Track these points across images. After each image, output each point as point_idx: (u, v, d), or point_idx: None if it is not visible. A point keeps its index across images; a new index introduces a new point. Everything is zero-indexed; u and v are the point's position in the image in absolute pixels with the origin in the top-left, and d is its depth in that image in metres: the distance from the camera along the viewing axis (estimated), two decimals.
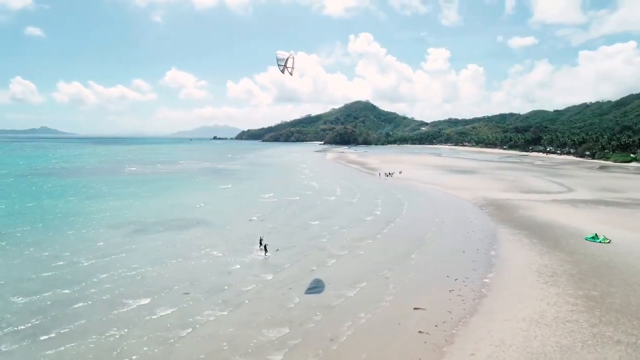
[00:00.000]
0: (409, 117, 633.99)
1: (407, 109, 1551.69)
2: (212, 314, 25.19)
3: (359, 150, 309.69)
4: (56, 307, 25.74)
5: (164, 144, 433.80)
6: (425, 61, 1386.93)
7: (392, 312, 26.04)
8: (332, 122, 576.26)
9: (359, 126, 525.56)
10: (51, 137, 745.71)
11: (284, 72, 32.75)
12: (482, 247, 41.06)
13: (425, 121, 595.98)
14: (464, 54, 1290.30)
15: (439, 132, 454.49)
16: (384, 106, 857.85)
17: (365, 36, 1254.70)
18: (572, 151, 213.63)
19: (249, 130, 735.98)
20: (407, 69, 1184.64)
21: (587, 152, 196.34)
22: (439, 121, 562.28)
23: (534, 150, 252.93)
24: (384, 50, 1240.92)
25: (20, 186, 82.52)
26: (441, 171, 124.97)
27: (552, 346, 21.63)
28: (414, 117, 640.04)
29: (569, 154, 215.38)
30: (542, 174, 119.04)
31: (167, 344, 21.60)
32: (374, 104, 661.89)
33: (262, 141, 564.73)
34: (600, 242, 41.78)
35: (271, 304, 27.02)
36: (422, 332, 23.45)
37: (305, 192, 79.56)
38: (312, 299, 27.62)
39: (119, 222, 50.21)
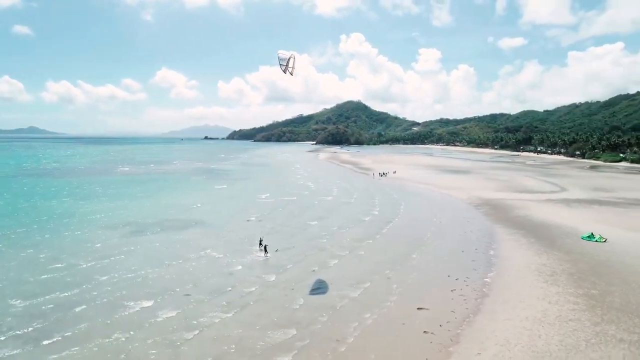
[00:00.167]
0: (400, 117, 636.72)
1: (398, 109, 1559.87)
2: (216, 316, 24.98)
3: (351, 150, 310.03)
4: (57, 311, 25.35)
5: (155, 144, 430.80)
6: (416, 61, 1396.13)
7: (397, 313, 26.05)
8: (324, 122, 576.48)
9: (351, 126, 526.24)
10: (40, 137, 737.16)
11: (285, 72, 32.68)
12: (480, 246, 41.30)
13: (416, 121, 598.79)
14: (454, 55, 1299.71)
15: (430, 132, 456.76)
16: (376, 106, 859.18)
17: (356, 36, 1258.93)
18: (563, 151, 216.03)
19: (240, 130, 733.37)
20: (398, 69, 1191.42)
21: (577, 152, 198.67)
22: (431, 121, 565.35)
23: (525, 150, 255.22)
24: (375, 50, 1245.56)
25: (11, 187, 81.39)
26: (435, 171, 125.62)
27: (556, 345, 21.77)
28: (406, 117, 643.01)
29: (559, 153, 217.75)
30: (534, 173, 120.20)
31: (174, 346, 21.36)
32: (365, 104, 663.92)
33: (254, 141, 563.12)
34: (596, 241, 42.21)
35: (276, 305, 26.89)
36: (427, 332, 23.49)
37: (301, 192, 79.44)
38: (317, 300, 27.56)
39: (115, 223, 49.70)
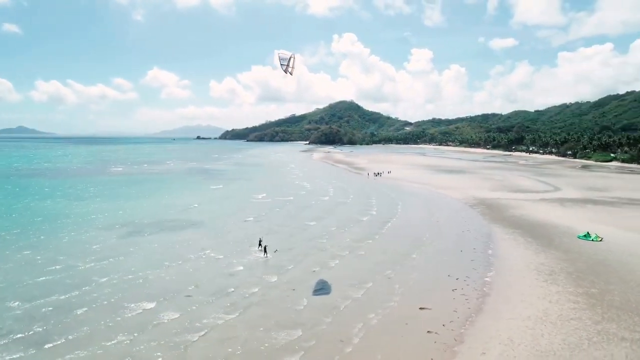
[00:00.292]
0: (393, 117, 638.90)
1: (390, 108, 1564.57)
2: (220, 318, 24.82)
3: (344, 150, 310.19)
4: (58, 313, 25.02)
5: (147, 144, 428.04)
6: (408, 61, 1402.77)
7: (400, 313, 26.06)
8: (316, 122, 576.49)
9: (344, 126, 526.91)
10: (29, 137, 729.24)
11: (286, 72, 32.60)
12: (478, 246, 41.51)
13: (409, 121, 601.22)
14: (446, 55, 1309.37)
15: (423, 132, 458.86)
16: (368, 106, 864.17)
17: (348, 36, 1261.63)
18: (554, 151, 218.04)
19: (232, 129, 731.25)
20: (390, 69, 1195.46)
21: (569, 152, 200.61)
22: (423, 121, 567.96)
23: (516, 149, 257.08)
24: (367, 50, 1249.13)
25: (4, 187, 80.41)
26: (429, 171, 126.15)
27: (559, 344, 21.95)
28: (398, 117, 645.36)
29: (551, 153, 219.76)
30: (527, 173, 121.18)
31: (179, 349, 21.18)
32: (358, 104, 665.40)
33: (247, 141, 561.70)
34: (592, 240, 42.63)
35: (279, 306, 26.81)
36: (431, 332, 23.55)
37: (298, 192, 79.34)
38: (320, 301, 27.51)
39: (111, 223, 49.28)
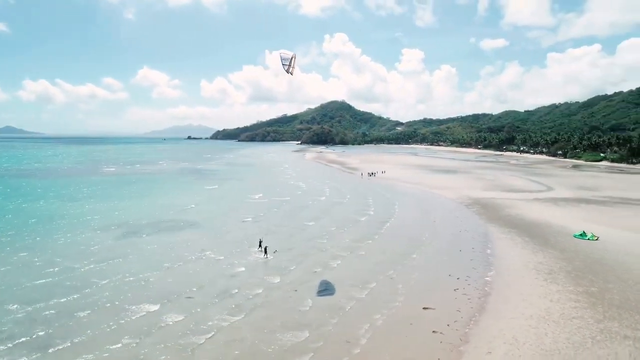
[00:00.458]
0: (384, 117, 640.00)
1: (381, 109, 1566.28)
2: (226, 320, 24.65)
3: (336, 150, 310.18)
4: (60, 317, 24.65)
5: (138, 144, 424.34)
6: (399, 62, 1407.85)
7: (404, 313, 26.14)
8: (308, 122, 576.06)
9: (335, 126, 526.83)
10: (17, 137, 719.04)
11: (288, 72, 32.53)
12: (476, 246, 41.78)
13: (400, 121, 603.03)
14: (437, 55, 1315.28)
15: (414, 132, 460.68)
16: (359, 106, 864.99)
17: (340, 36, 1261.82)
18: (545, 150, 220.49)
19: (224, 129, 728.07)
20: (381, 69, 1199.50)
21: (559, 152, 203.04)
22: (414, 121, 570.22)
23: (507, 149, 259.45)
24: (358, 50, 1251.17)
25: None
26: (422, 171, 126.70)
27: (563, 343, 22.16)
28: (389, 117, 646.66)
29: (541, 153, 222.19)
30: (519, 173, 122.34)
31: (186, 352, 20.98)
32: (349, 104, 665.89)
33: (238, 141, 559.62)
34: (588, 239, 43.14)
35: (284, 307, 26.72)
36: (436, 332, 23.65)
37: (294, 192, 79.23)
38: (325, 302, 27.47)
39: (107, 224, 48.74)
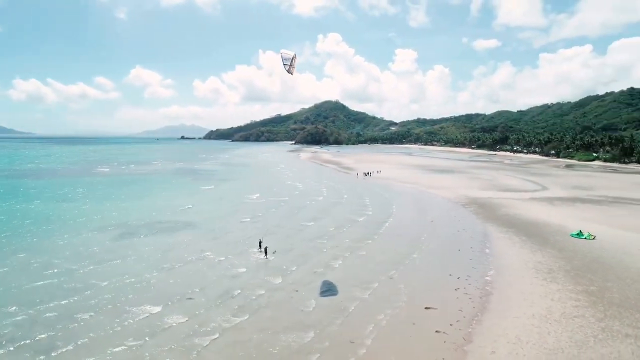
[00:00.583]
0: (378, 117, 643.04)
1: (375, 108, 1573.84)
2: (230, 321, 24.55)
3: (331, 150, 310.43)
4: (62, 319, 24.40)
5: (130, 144, 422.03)
6: (393, 62, 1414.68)
7: (407, 313, 26.18)
8: (302, 122, 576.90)
9: (329, 126, 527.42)
10: (7, 137, 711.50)
11: (289, 72, 32.51)
12: (475, 245, 41.92)
13: (394, 121, 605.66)
14: (430, 55, 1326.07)
15: (408, 131, 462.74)
16: (353, 106, 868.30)
17: (333, 36, 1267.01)
18: (538, 150, 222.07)
19: (217, 129, 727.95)
20: (375, 69, 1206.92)
21: (552, 151, 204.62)
22: (408, 121, 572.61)
23: (501, 149, 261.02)
24: (352, 50, 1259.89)
25: None
26: (417, 170, 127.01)
27: (566, 341, 22.30)
28: (383, 117, 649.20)
29: (535, 153, 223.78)
30: (514, 172, 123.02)
31: (192, 354, 20.86)
32: (343, 104, 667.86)
33: (232, 141, 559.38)
34: (585, 238, 43.46)
35: (288, 308, 26.67)
36: (440, 332, 23.71)
37: (291, 192, 79.12)
38: (328, 302, 27.45)
39: (105, 225, 48.38)
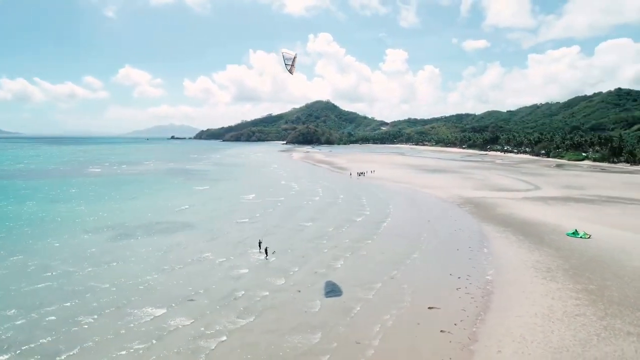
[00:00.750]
0: (369, 117, 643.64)
1: (366, 108, 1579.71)
2: (235, 323, 24.38)
3: (323, 149, 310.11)
4: (64, 323, 24.00)
5: (120, 144, 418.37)
6: (383, 62, 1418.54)
7: (411, 313, 26.26)
8: (293, 122, 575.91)
9: (321, 126, 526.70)
10: None
11: (290, 71, 32.40)
12: (473, 245, 42.20)
13: (385, 121, 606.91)
14: (420, 55, 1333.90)
15: (399, 131, 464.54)
16: (344, 106, 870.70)
17: (324, 36, 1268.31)
18: (528, 150, 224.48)
19: (208, 129, 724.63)
20: (366, 69, 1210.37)
21: (542, 151, 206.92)
22: (399, 121, 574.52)
23: (492, 149, 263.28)
24: (343, 50, 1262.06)
25: None
26: (411, 170, 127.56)
27: (570, 340, 22.51)
28: (374, 117, 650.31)
29: (525, 152, 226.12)
30: (505, 172, 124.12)
31: (201, 357, 20.64)
32: (334, 104, 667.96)
33: (223, 141, 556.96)
34: (581, 237, 43.96)
35: (293, 309, 26.57)
36: (444, 332, 23.80)
37: (287, 192, 78.94)
38: (334, 303, 27.41)
39: (101, 226, 47.86)
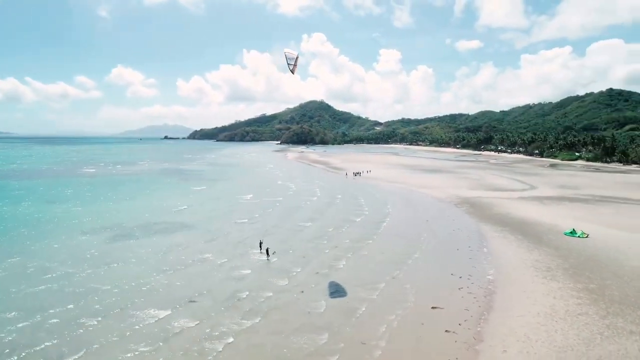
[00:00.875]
0: (363, 117, 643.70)
1: (360, 108, 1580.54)
2: (241, 324, 24.28)
3: (317, 150, 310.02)
4: (68, 326, 23.76)
5: (113, 144, 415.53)
6: (377, 62, 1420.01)
7: (415, 313, 26.32)
8: (287, 122, 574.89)
9: (315, 126, 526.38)
10: None
11: (292, 71, 32.35)
12: (473, 244, 42.39)
13: (379, 121, 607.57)
14: (414, 56, 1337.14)
15: (393, 131, 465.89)
16: (338, 106, 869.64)
17: (318, 36, 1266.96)
18: (522, 150, 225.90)
19: (201, 129, 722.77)
20: (359, 69, 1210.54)
21: (536, 151, 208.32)
22: (393, 121, 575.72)
23: (485, 149, 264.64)
24: (337, 50, 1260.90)
25: None
26: (406, 170, 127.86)
27: (574, 339, 22.66)
28: (368, 116, 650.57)
29: (518, 152, 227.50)
30: (500, 172, 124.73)
31: (208, 359, 20.54)
32: (328, 104, 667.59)
33: (217, 141, 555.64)
34: (578, 236, 44.32)
35: (298, 310, 26.52)
36: (449, 332, 23.89)
37: (285, 192, 78.87)
38: (338, 303, 27.41)
39: (99, 227, 47.51)
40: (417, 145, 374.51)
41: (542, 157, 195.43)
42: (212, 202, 68.25)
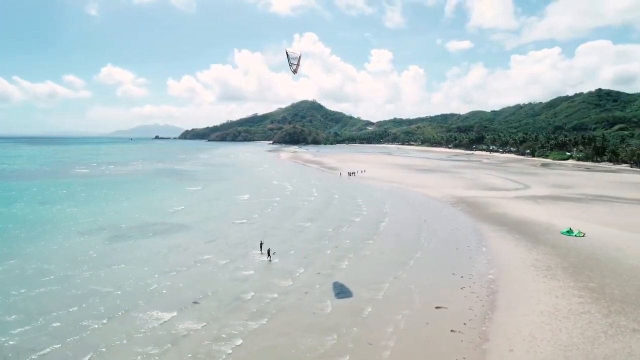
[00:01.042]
0: (355, 116, 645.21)
1: (351, 108, 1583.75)
2: (249, 326, 24.09)
3: (310, 149, 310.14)
4: (72, 329, 23.39)
5: (103, 144, 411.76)
6: (368, 62, 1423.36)
7: (420, 313, 26.36)
8: (279, 122, 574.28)
9: (307, 125, 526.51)
10: None
11: (294, 71, 32.19)
12: (472, 244, 42.60)
13: (371, 121, 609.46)
14: (405, 56, 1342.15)
15: (385, 131, 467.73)
16: (330, 106, 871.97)
17: (309, 36, 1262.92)
18: (514, 149, 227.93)
19: (193, 129, 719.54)
20: (351, 69, 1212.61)
21: (527, 151, 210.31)
22: (385, 121, 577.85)
23: (477, 149, 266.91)
24: (328, 50, 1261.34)
25: None
26: (400, 170, 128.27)
27: (578, 338, 22.81)
28: (359, 116, 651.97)
29: (510, 152, 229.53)
30: (494, 171, 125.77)
31: None
32: (320, 104, 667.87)
33: (208, 141, 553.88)
34: (575, 235, 44.75)
35: (305, 311, 26.41)
36: (455, 331, 23.94)
37: (282, 192, 78.59)
38: (344, 304, 27.35)
39: (96, 228, 46.90)
40: (410, 145, 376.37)
41: (533, 156, 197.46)
42: (209, 202, 67.77)
